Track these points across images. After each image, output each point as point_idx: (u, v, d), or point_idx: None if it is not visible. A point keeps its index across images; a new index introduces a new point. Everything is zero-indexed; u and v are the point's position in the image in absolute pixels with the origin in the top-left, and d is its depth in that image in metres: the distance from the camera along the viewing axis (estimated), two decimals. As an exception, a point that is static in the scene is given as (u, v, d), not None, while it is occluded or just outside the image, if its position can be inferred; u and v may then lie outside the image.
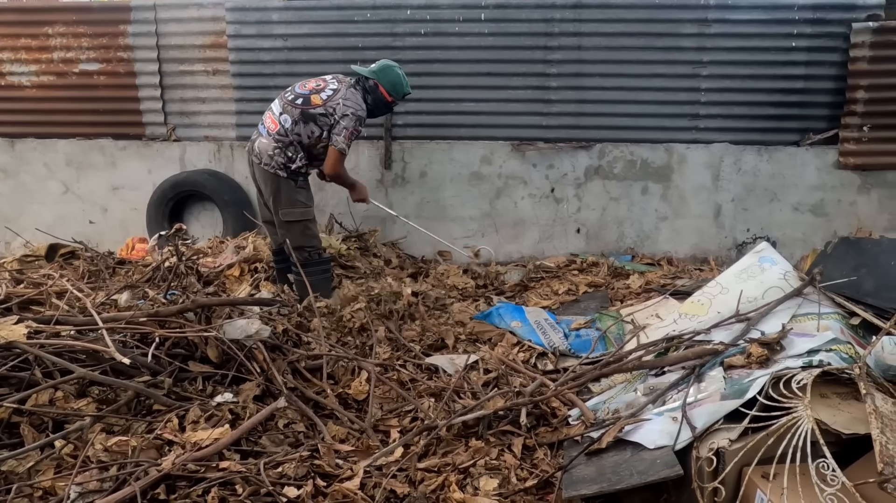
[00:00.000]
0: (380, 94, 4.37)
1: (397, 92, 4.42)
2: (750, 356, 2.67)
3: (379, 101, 4.40)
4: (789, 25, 5.30)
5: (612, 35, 5.47)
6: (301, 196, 4.35)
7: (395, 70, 4.40)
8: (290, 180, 4.30)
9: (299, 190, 4.35)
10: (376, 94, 4.37)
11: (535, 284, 5.23)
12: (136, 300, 3.54)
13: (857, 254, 3.35)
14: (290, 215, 4.32)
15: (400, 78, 4.40)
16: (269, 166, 4.28)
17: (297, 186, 4.33)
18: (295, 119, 4.24)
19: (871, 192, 5.47)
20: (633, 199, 5.71)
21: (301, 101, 4.27)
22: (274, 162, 4.27)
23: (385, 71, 4.38)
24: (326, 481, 2.42)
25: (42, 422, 2.55)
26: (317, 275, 4.31)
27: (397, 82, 4.39)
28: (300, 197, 4.35)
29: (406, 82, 4.45)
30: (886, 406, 2.05)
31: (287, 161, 4.26)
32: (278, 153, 4.25)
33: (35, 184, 6.01)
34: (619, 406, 2.88)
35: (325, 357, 3.46)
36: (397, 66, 4.44)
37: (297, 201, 4.33)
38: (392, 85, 4.38)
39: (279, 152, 4.25)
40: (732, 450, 2.14)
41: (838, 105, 5.38)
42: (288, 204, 4.31)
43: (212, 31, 5.71)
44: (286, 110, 4.29)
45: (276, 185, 4.32)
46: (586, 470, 2.45)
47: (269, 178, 4.33)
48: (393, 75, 4.38)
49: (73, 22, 5.74)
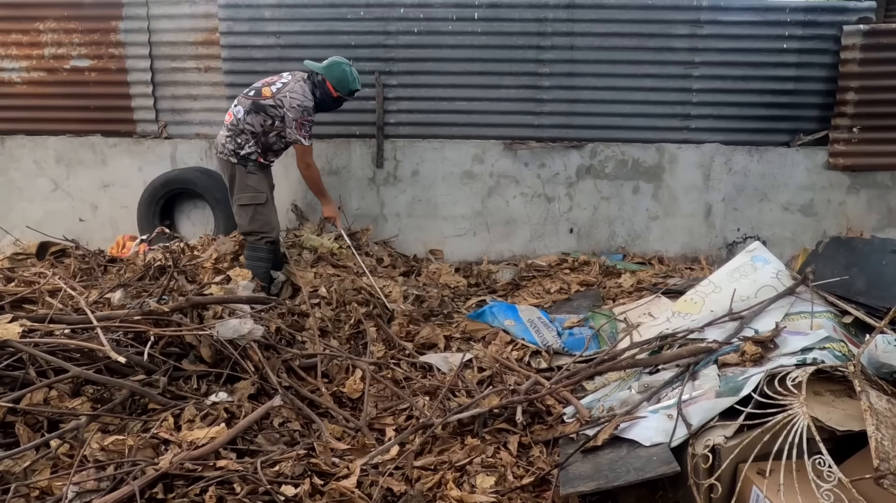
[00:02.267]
0: (326, 89, 4.51)
1: (343, 88, 4.53)
2: (744, 354, 2.69)
3: (326, 95, 4.52)
4: (781, 27, 5.34)
5: (604, 35, 5.48)
6: (251, 181, 4.48)
7: (342, 67, 4.52)
8: (241, 165, 4.45)
9: (250, 175, 4.47)
10: (323, 88, 4.50)
11: (527, 283, 5.24)
12: (129, 300, 3.51)
13: (848, 254, 3.39)
14: (241, 199, 4.48)
15: (346, 75, 4.52)
16: (222, 153, 4.48)
17: (248, 171, 4.47)
18: (247, 109, 4.41)
19: (860, 192, 5.52)
20: (624, 199, 5.73)
21: (253, 93, 4.47)
22: (225, 149, 4.45)
23: (332, 67, 4.51)
24: (323, 479, 2.42)
25: (37, 421, 2.53)
26: (251, 262, 4.42)
27: (343, 79, 4.51)
28: (250, 181, 4.47)
29: (354, 79, 4.56)
30: (881, 403, 2.07)
31: (237, 147, 4.42)
32: (229, 140, 4.43)
33: (24, 181, 5.95)
34: (613, 404, 2.90)
35: (320, 356, 3.46)
36: (347, 63, 4.57)
37: (248, 186, 4.47)
38: (338, 81, 4.50)
39: (230, 140, 4.43)
40: (728, 447, 2.16)
41: (828, 106, 5.42)
42: (240, 189, 4.48)
43: (204, 28, 5.68)
44: (240, 102, 4.49)
45: (230, 171, 4.49)
46: (583, 467, 2.46)
47: (223, 166, 4.56)
48: (339, 71, 4.50)
49: (65, 18, 5.69)
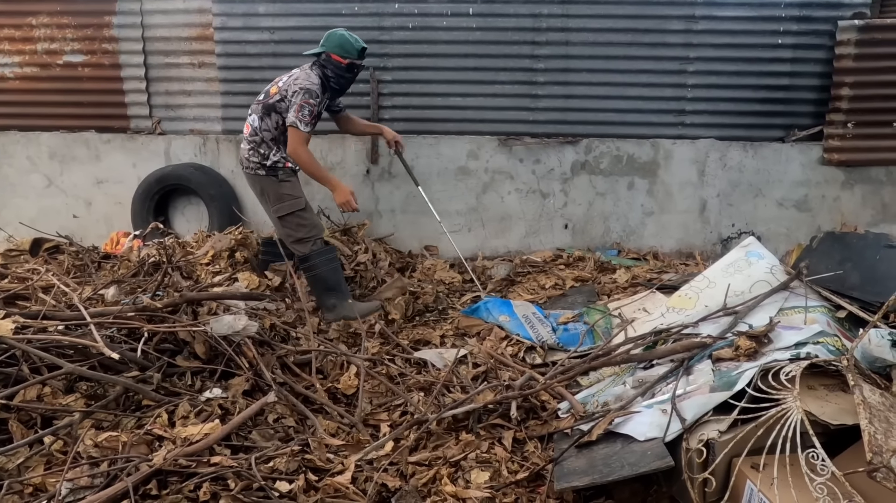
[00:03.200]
0: (334, 62, 4.30)
1: (348, 51, 4.30)
2: (738, 349, 2.70)
3: (337, 69, 4.31)
4: (776, 23, 5.34)
5: (599, 30, 5.48)
6: (285, 189, 4.32)
7: (337, 32, 4.33)
8: (271, 177, 4.29)
9: (283, 184, 4.31)
10: (331, 63, 4.30)
11: (522, 279, 5.24)
12: (123, 296, 3.50)
13: (842, 249, 3.39)
14: (281, 210, 4.30)
15: (345, 37, 4.30)
16: (249, 168, 4.33)
17: (280, 181, 4.30)
18: (260, 115, 4.29)
19: (854, 187, 5.53)
20: (619, 194, 5.74)
21: (262, 97, 4.35)
22: (251, 163, 4.30)
23: (329, 38, 4.32)
24: (318, 475, 2.42)
25: (30, 418, 2.53)
26: (322, 267, 4.29)
27: (343, 42, 4.29)
28: (285, 190, 4.31)
29: (355, 39, 4.34)
30: (874, 397, 2.08)
31: (262, 159, 4.27)
32: (252, 153, 4.29)
33: (18, 177, 5.93)
34: (608, 399, 2.90)
35: (314, 352, 3.46)
36: (341, 29, 4.39)
37: (284, 195, 4.30)
38: (340, 47, 4.28)
39: (252, 152, 4.29)
40: (722, 442, 2.16)
41: (823, 102, 5.42)
42: (276, 199, 4.30)
43: (198, 24, 5.66)
44: (253, 110, 4.36)
45: (259, 185, 4.35)
46: (577, 462, 2.46)
47: (252, 180, 4.40)
48: (336, 37, 4.30)
49: (58, 13, 5.66)
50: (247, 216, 5.78)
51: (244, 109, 5.73)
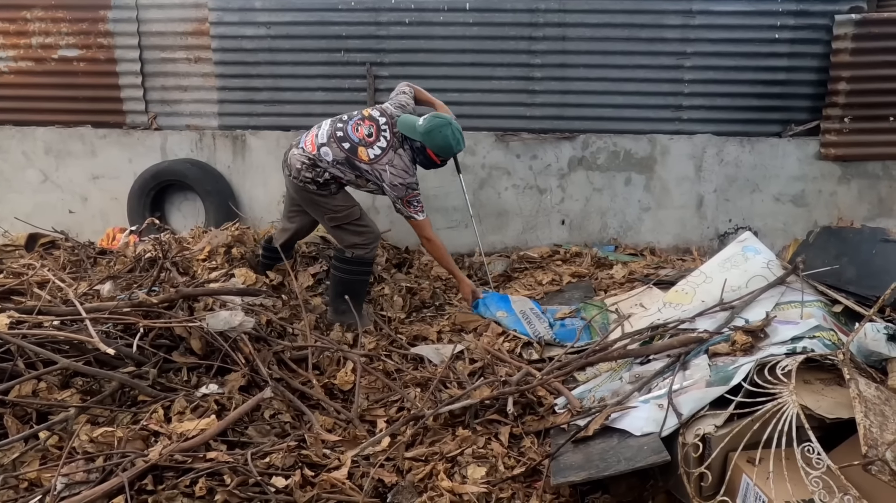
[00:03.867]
0: (428, 156, 4.09)
1: (447, 154, 4.12)
2: (734, 344, 2.70)
3: (427, 161, 4.14)
4: (773, 17, 5.34)
5: (596, 26, 5.47)
6: (339, 200, 4.16)
7: (443, 133, 4.01)
8: (322, 192, 4.12)
9: (334, 196, 4.16)
10: (424, 155, 4.10)
11: (519, 275, 5.25)
12: (119, 292, 3.50)
13: (838, 243, 3.40)
14: (335, 220, 4.17)
15: (448, 140, 4.03)
16: (298, 179, 4.11)
17: (332, 194, 4.15)
18: (338, 160, 4.03)
19: (851, 182, 5.54)
20: (616, 190, 5.73)
21: (348, 147, 4.03)
22: (302, 176, 4.08)
23: (432, 135, 4.00)
24: (314, 471, 2.42)
25: (26, 413, 2.52)
26: (357, 276, 4.22)
27: (446, 146, 4.04)
28: (338, 202, 4.16)
29: (458, 141, 4.09)
30: (870, 391, 2.08)
31: (315, 176, 4.07)
32: (306, 170, 4.05)
33: (13, 172, 5.91)
34: (605, 394, 2.90)
35: (310, 348, 3.46)
36: (447, 123, 4.04)
37: (338, 206, 4.15)
38: (440, 149, 4.05)
39: (306, 169, 4.06)
40: (718, 436, 2.16)
41: (820, 97, 5.42)
42: (329, 211, 4.15)
43: (194, 18, 5.63)
44: (330, 145, 4.04)
45: (308, 198, 4.17)
46: (574, 457, 2.47)
47: (299, 191, 4.17)
48: (440, 139, 4.01)
49: (52, 6, 5.63)
50: (243, 212, 5.77)
51: (241, 104, 5.78)
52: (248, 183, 5.86)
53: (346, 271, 4.20)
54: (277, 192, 5.60)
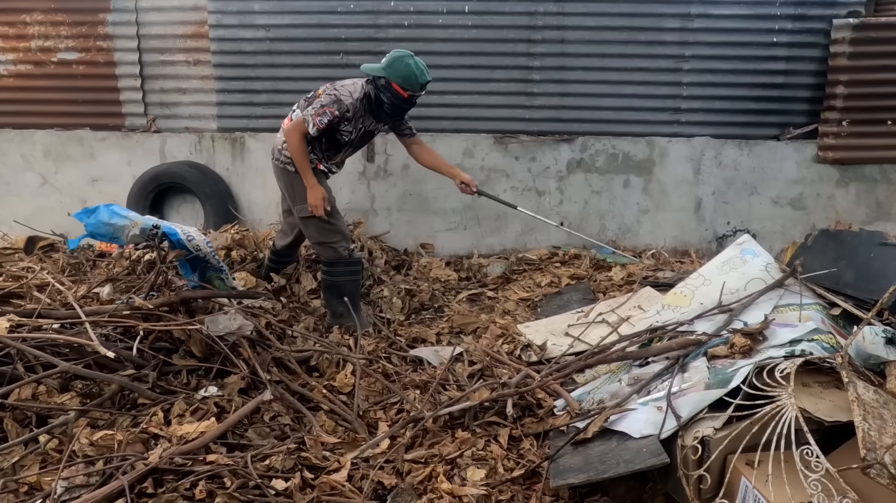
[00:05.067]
0: (394, 90, 3.96)
1: (412, 85, 3.96)
2: (733, 346, 2.70)
3: (395, 98, 3.99)
4: (771, 21, 5.35)
5: (595, 29, 5.48)
6: None
7: (404, 61, 3.95)
8: (299, 174, 4.04)
9: None
10: (391, 91, 3.97)
11: (518, 277, 5.25)
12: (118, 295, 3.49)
13: (836, 247, 3.40)
14: (304, 211, 4.06)
15: (411, 68, 3.94)
16: (279, 160, 4.10)
17: None
18: (302, 109, 4.01)
19: (849, 185, 5.55)
20: (614, 193, 5.74)
21: (311, 95, 4.06)
22: (282, 156, 4.07)
23: (394, 65, 3.94)
24: (314, 473, 2.42)
25: (26, 416, 2.52)
26: (344, 277, 4.15)
27: (408, 74, 3.93)
28: None
29: (422, 71, 3.97)
30: (868, 394, 2.09)
31: None
32: (286, 147, 4.03)
33: (12, 175, 5.91)
34: (603, 396, 2.91)
35: (311, 351, 3.46)
36: (409, 55, 3.98)
37: None
38: (404, 79, 3.94)
39: (285, 147, 4.04)
40: (717, 439, 2.17)
41: (818, 100, 5.44)
42: (302, 199, 4.06)
43: (193, 21, 5.64)
44: (298, 105, 4.07)
45: (287, 180, 4.11)
46: (573, 459, 2.47)
47: (279, 173, 4.15)
48: (402, 67, 3.93)
49: (52, 10, 5.64)
50: (242, 214, 5.77)
51: (240, 107, 5.78)
52: (247, 185, 5.86)
53: (332, 273, 4.17)
54: (276, 195, 5.55)
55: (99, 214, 3.37)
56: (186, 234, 3.44)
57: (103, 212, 3.39)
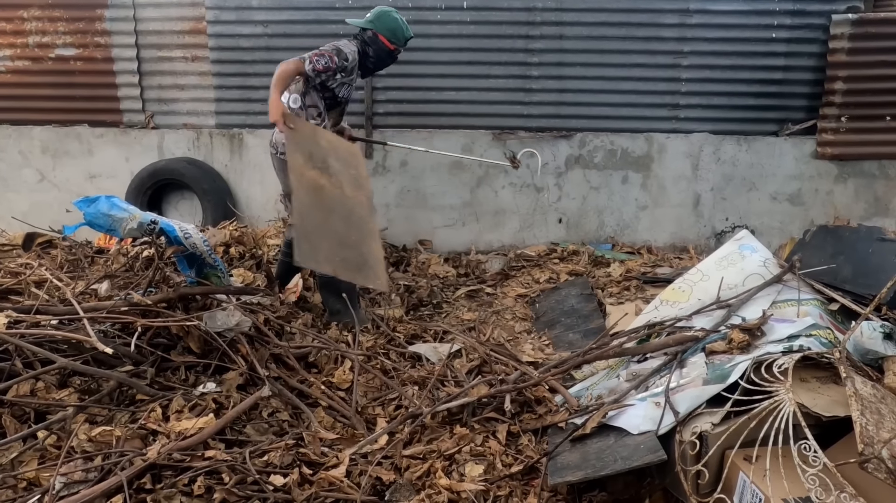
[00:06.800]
0: (380, 43, 4.10)
1: (398, 38, 4.14)
2: (731, 342, 2.71)
3: (381, 51, 4.12)
4: (769, 17, 5.35)
5: (593, 25, 5.48)
6: None
7: (391, 15, 4.13)
8: None
9: None
10: (377, 44, 4.10)
11: (516, 273, 5.25)
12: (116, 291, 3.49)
13: (834, 242, 3.41)
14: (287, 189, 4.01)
15: (398, 22, 4.12)
16: (275, 147, 4.08)
17: None
18: (298, 90, 3.99)
19: (847, 181, 5.55)
20: (613, 189, 5.74)
21: None
22: (279, 145, 4.01)
23: (381, 18, 4.10)
24: (312, 469, 2.42)
25: (24, 412, 2.52)
26: None
27: (395, 27, 4.11)
28: None
29: (406, 26, 4.17)
30: (866, 389, 2.09)
31: None
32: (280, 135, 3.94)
33: (10, 171, 5.90)
34: (602, 392, 2.91)
35: (309, 348, 3.46)
36: (393, 10, 4.17)
37: None
38: (391, 31, 4.10)
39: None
40: (715, 434, 2.17)
41: (817, 96, 5.44)
42: None
43: (191, 17, 5.63)
44: (290, 90, 4.02)
45: (282, 167, 4.04)
46: (571, 456, 2.47)
47: (277, 164, 4.11)
48: (390, 21, 4.11)
49: (49, 5, 5.62)
50: (240, 210, 5.76)
51: (238, 103, 5.77)
52: (246, 181, 5.86)
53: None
54: (274, 191, 5.57)
55: (99, 205, 3.38)
56: (183, 230, 3.42)
57: (103, 203, 3.39)
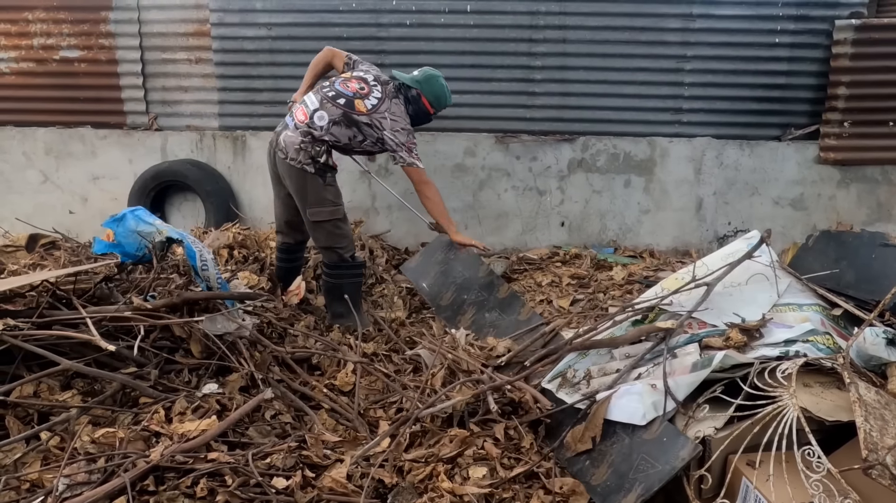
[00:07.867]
0: (422, 104, 4.17)
1: (440, 104, 4.23)
2: (728, 339, 2.70)
3: (421, 111, 4.19)
4: (773, 22, 5.35)
5: (596, 28, 5.48)
6: (329, 194, 4.03)
7: (439, 81, 4.20)
8: (318, 177, 3.96)
9: (328, 188, 4.02)
10: (418, 104, 4.16)
11: (519, 276, 5.25)
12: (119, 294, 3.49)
13: (837, 247, 3.40)
14: (319, 215, 4.01)
15: (444, 90, 4.21)
16: (296, 161, 3.93)
17: (326, 184, 4.01)
18: (335, 119, 3.95)
19: (850, 186, 5.55)
20: (615, 192, 5.75)
21: (344, 103, 3.98)
22: (301, 156, 3.94)
23: (430, 81, 4.17)
24: (315, 472, 2.42)
25: (27, 414, 2.53)
26: (346, 279, 4.14)
27: (441, 94, 4.20)
28: (328, 195, 4.03)
29: (449, 94, 4.26)
30: (870, 394, 2.09)
31: (315, 155, 3.94)
32: (304, 148, 3.92)
33: (13, 173, 5.92)
34: (589, 367, 2.90)
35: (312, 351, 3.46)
36: (440, 75, 4.23)
37: (326, 200, 4.02)
38: (435, 97, 4.19)
39: (305, 148, 3.92)
40: (718, 439, 2.17)
41: (819, 101, 5.44)
42: (316, 203, 3.99)
43: (195, 19, 5.64)
44: (324, 107, 3.97)
45: (302, 182, 3.99)
46: (599, 472, 2.42)
47: (294, 174, 3.98)
48: (437, 87, 4.18)
49: (54, 8, 5.65)
50: (243, 212, 5.77)
51: (241, 105, 5.79)
52: (249, 183, 5.87)
53: (334, 276, 4.15)
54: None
55: (126, 222, 3.39)
56: (203, 261, 3.40)
57: (130, 219, 3.41)
